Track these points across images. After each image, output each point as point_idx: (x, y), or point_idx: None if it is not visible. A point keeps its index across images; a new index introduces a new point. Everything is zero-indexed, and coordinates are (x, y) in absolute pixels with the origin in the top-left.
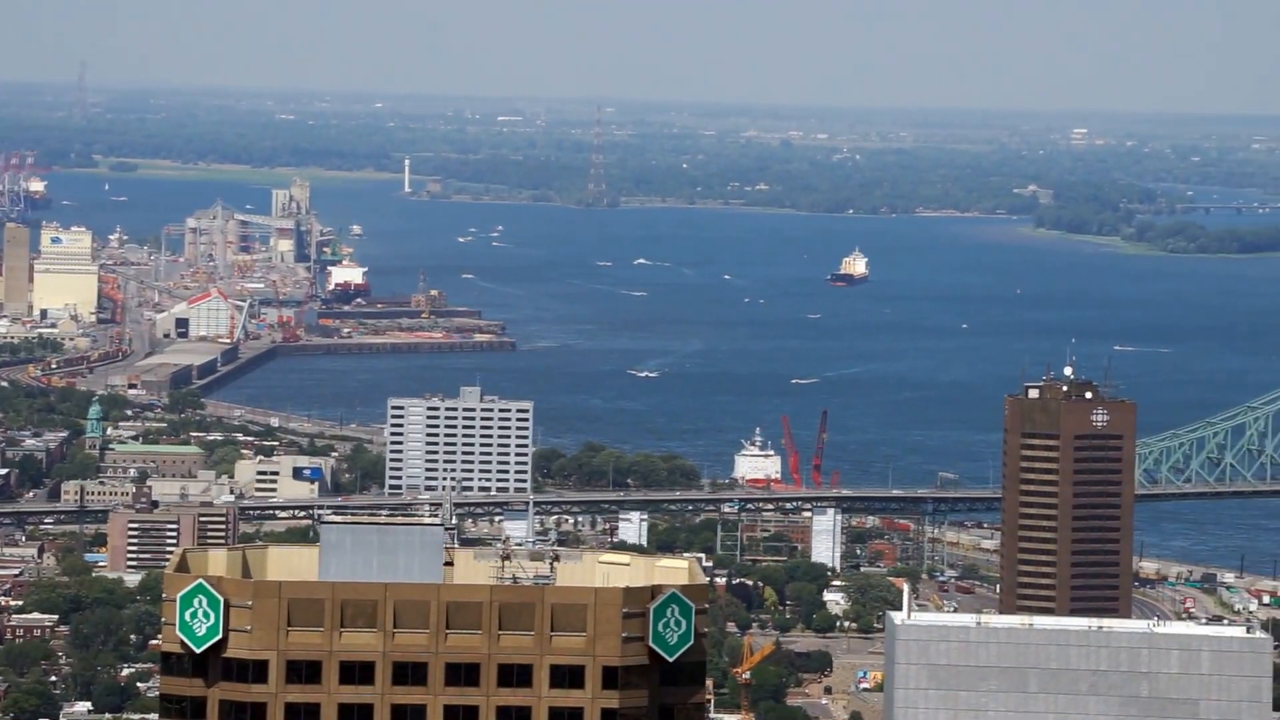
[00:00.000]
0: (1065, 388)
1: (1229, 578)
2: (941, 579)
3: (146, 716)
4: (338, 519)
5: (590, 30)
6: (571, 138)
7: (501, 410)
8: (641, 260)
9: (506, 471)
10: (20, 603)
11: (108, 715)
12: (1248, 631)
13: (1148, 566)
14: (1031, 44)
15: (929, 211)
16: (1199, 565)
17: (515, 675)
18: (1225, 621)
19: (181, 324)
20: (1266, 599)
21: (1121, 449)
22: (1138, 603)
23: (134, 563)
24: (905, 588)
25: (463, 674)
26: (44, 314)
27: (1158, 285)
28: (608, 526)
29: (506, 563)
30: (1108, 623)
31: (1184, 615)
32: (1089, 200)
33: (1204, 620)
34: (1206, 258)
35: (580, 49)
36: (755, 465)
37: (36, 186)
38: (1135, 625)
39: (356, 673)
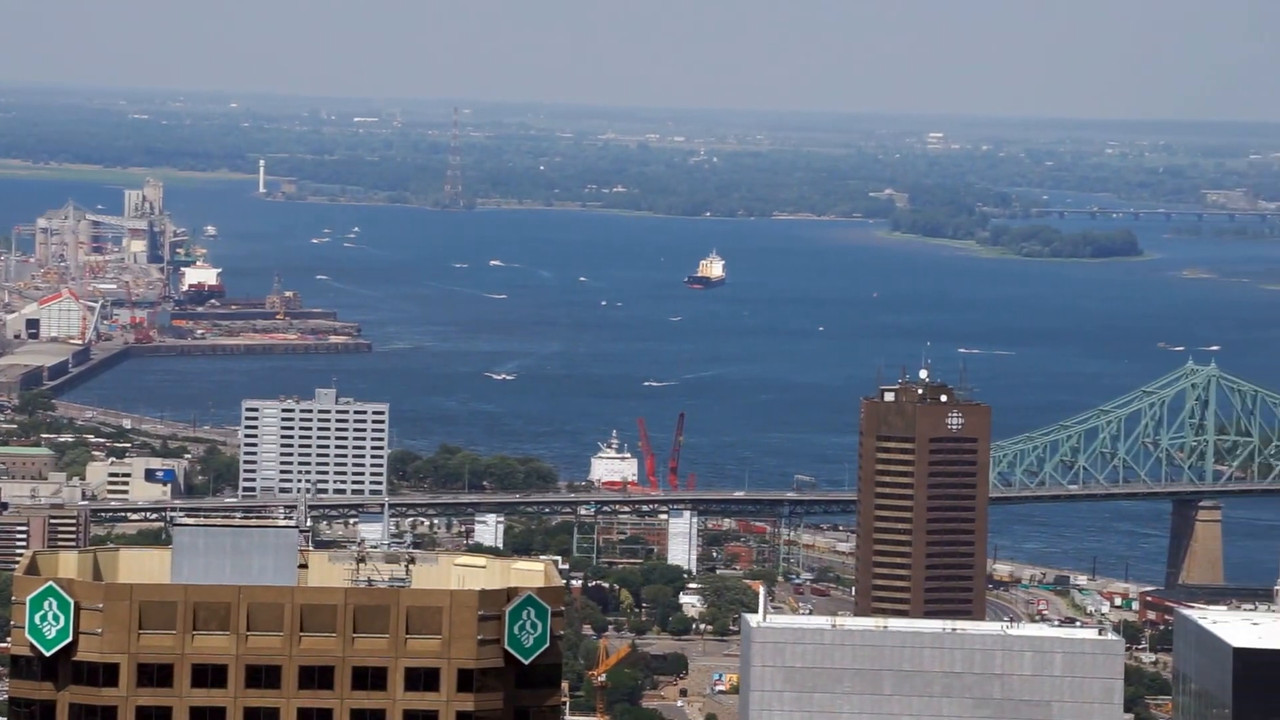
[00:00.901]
0: (921, 391)
1: (1082, 580)
2: (797, 581)
3: None
4: (191, 521)
5: (447, 32)
6: (428, 139)
7: (357, 412)
8: (495, 261)
9: (362, 474)
10: None
11: None
12: (1100, 633)
13: (1002, 569)
14: (887, 48)
15: (786, 214)
16: (1052, 568)
17: (370, 678)
18: (1078, 624)
19: (32, 325)
20: (1118, 601)
21: (976, 452)
22: (992, 605)
23: None
24: (761, 590)
25: (317, 676)
26: None
27: (1013, 289)
28: (463, 529)
29: (361, 565)
30: (962, 625)
31: (1037, 617)
32: (945, 204)
33: (1057, 622)
34: (1061, 261)
35: (437, 51)
36: (612, 468)
37: None
38: (989, 627)
39: (209, 676)
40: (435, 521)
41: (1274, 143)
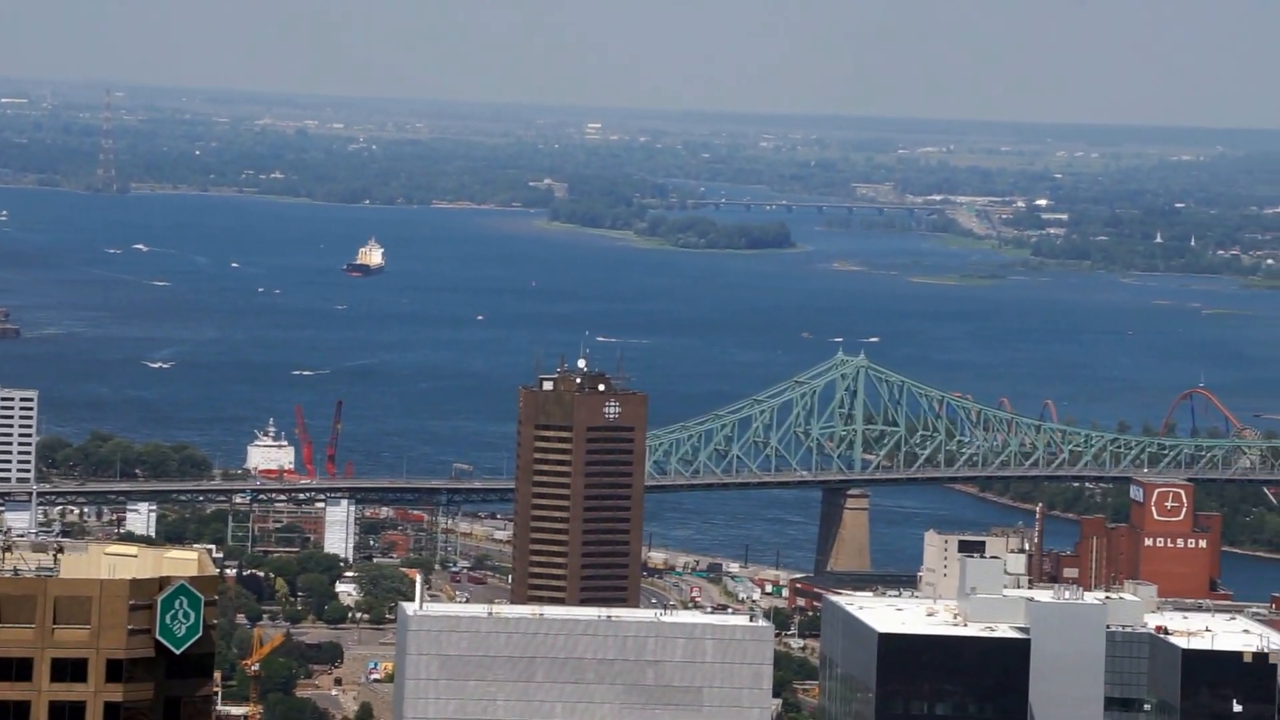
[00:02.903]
0: (579, 380)
1: (734, 567)
2: (455, 570)
3: None
4: None
5: (98, 14)
6: (80, 122)
7: (3, 399)
8: (139, 246)
9: (9, 461)
10: None
11: None
12: (751, 620)
13: (656, 557)
14: (544, 39)
15: (445, 203)
16: (705, 555)
17: (14, 669)
18: (729, 610)
19: None
20: (769, 588)
21: (633, 441)
22: (646, 592)
23: None
24: (418, 578)
25: None
26: None
27: (669, 279)
28: (115, 517)
29: (7, 554)
30: (616, 612)
31: (690, 604)
32: (603, 194)
33: (709, 609)
34: (716, 253)
35: (88, 32)
36: (268, 456)
37: None
38: (643, 614)
39: None
40: (85, 510)
41: (921, 138)
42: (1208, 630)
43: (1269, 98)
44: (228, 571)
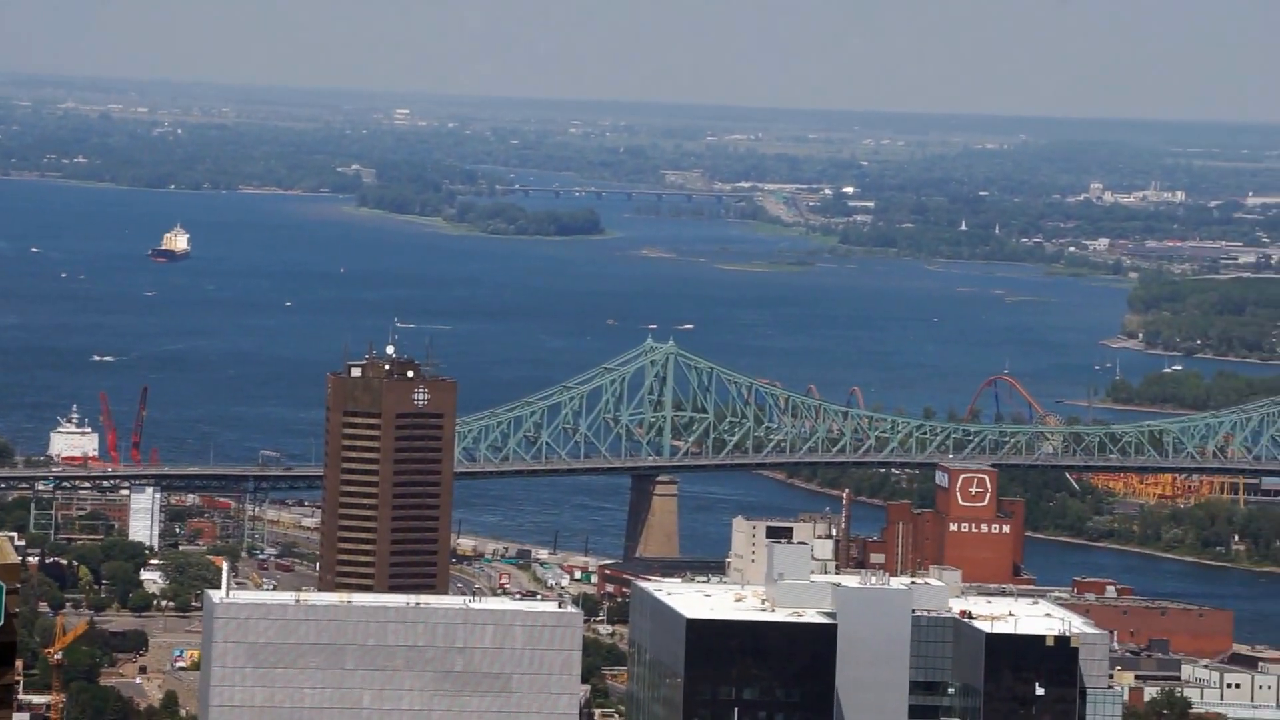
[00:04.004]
0: (387, 366)
1: (543, 554)
2: (262, 557)
3: None
4: None
5: None
6: None
7: None
8: None
9: None
10: None
11: None
12: (560, 606)
13: (465, 544)
14: (351, 22)
15: (252, 188)
16: (514, 542)
17: None
18: (539, 597)
19: None
20: (578, 574)
21: (442, 427)
22: (455, 579)
23: None
24: (224, 566)
25: None
26: None
27: (479, 266)
28: None
29: None
30: (425, 599)
31: (499, 591)
32: (412, 180)
33: (518, 596)
34: (525, 239)
35: None
36: (71, 442)
37: None
38: (451, 601)
39: None
40: None
41: (729, 125)
42: (1011, 615)
43: (1071, 86)
44: (30, 559)
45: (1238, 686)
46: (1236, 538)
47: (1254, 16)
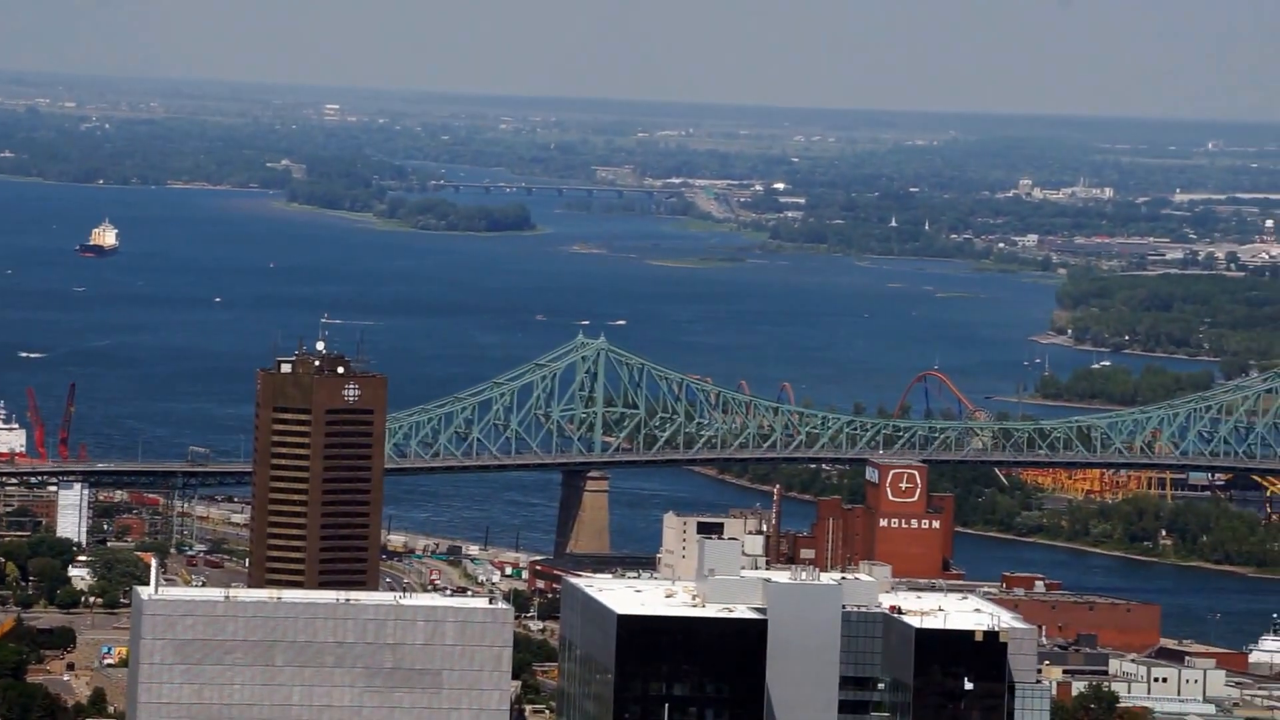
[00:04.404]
0: (318, 362)
1: (474, 550)
2: (191, 554)
3: None
4: None
5: None
6: None
7: None
8: None
9: None
10: None
11: None
12: (490, 602)
13: (396, 540)
14: (284, 17)
15: (181, 183)
16: (445, 538)
17: None
18: (469, 593)
19: None
20: (509, 570)
21: (372, 424)
22: (386, 575)
23: None
24: (153, 563)
25: None
26: None
27: (410, 261)
28: None
29: None
30: (355, 595)
31: (430, 587)
32: (342, 176)
33: (449, 592)
34: (456, 235)
35: None
36: None
37: None
38: (382, 598)
39: None
40: None
41: (660, 121)
42: (940, 610)
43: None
44: None
45: (1165, 681)
46: (1164, 532)
47: (1180, 14)
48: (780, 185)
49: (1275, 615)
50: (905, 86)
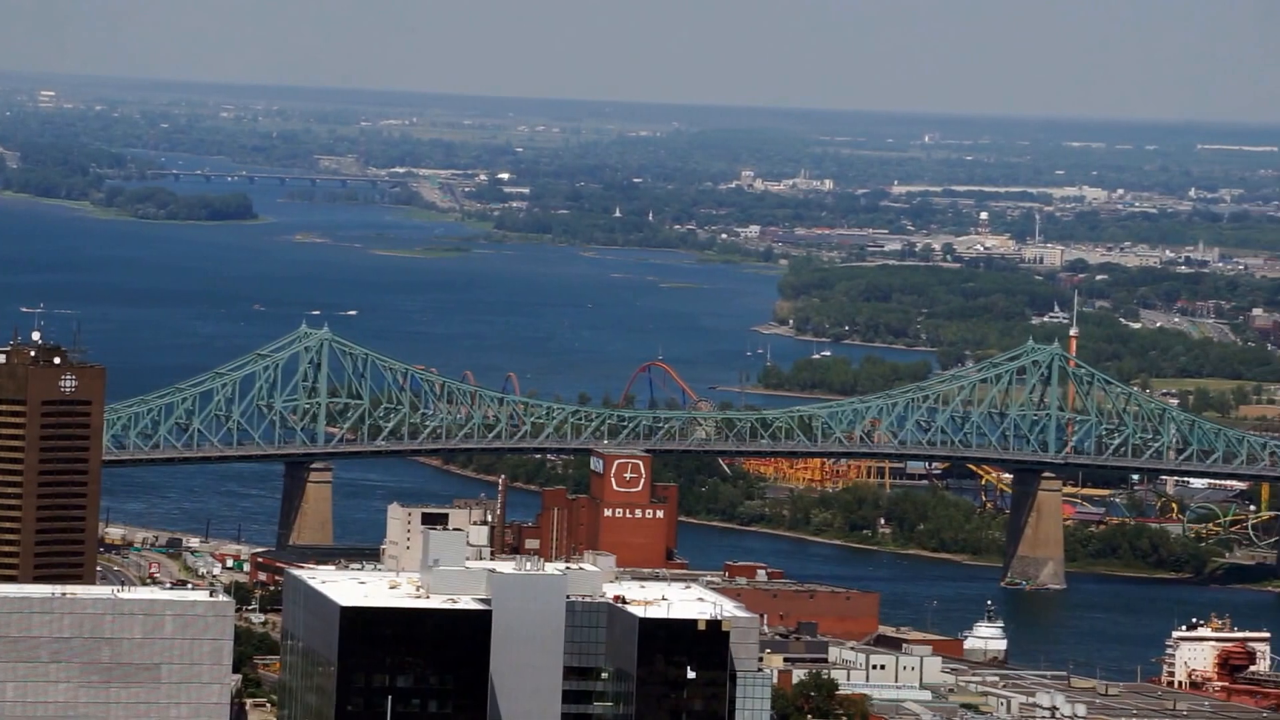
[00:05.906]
0: (33, 352)
1: (194, 542)
2: None
3: None
4: None
5: None
6: None
7: None
8: None
9: None
10: None
11: None
12: (211, 595)
13: (114, 533)
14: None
15: None
16: (165, 530)
17: None
18: (190, 586)
19: None
20: (230, 563)
21: (90, 415)
22: (104, 569)
23: None
24: None
25: None
26: None
27: (129, 250)
28: None
29: None
30: (72, 589)
31: (149, 580)
32: (58, 164)
33: (169, 585)
34: (177, 224)
35: None
36: None
37: None
38: (99, 591)
39: None
40: None
41: (383, 110)
42: (664, 599)
43: (723, 75)
44: None
45: (883, 668)
46: (882, 521)
47: (897, 6)
48: (505, 175)
49: (989, 602)
50: (628, 78)
